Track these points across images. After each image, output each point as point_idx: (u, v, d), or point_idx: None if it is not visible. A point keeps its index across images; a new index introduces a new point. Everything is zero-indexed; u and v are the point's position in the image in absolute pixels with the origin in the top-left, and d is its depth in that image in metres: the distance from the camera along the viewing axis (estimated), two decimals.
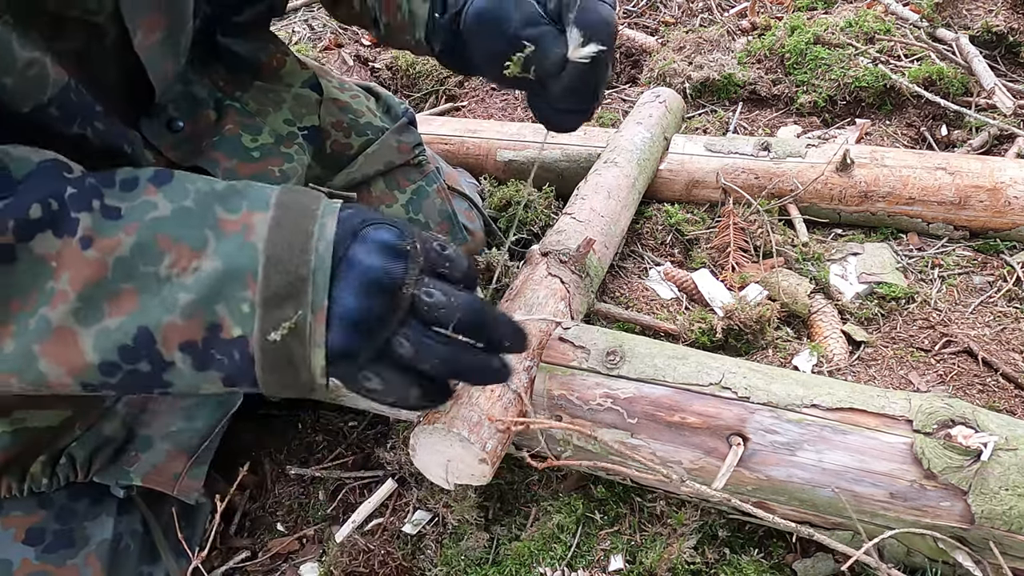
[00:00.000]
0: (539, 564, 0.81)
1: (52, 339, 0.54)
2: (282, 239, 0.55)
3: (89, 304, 0.54)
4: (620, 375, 0.77)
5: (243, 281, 0.54)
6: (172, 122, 0.84)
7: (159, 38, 0.73)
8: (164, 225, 0.55)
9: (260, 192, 0.59)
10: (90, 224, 0.54)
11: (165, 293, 0.54)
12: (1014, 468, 0.64)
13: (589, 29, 0.71)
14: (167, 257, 0.54)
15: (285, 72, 0.98)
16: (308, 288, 0.54)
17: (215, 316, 0.54)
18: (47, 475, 0.79)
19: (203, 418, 0.88)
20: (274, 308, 0.54)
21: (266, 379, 0.56)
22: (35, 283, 0.53)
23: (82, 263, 0.53)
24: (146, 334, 0.54)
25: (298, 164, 0.93)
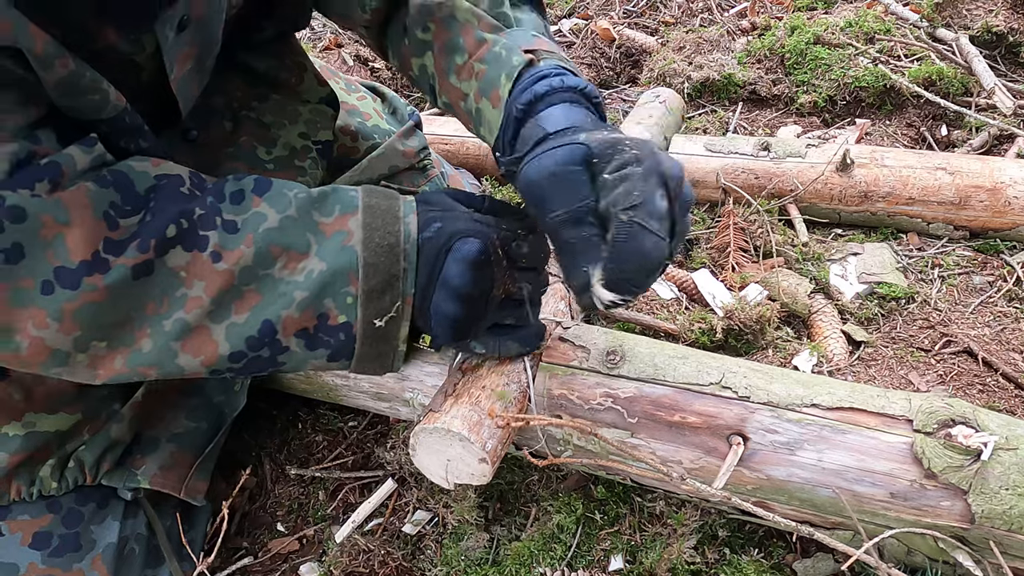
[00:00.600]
0: (539, 564, 0.81)
1: (191, 336, 0.64)
2: (375, 243, 0.66)
3: (220, 306, 0.64)
4: (620, 375, 0.77)
5: (345, 279, 0.65)
6: (187, 132, 0.85)
7: (189, 67, 0.75)
8: (274, 235, 0.66)
9: (347, 195, 0.68)
10: (217, 241, 0.65)
11: (281, 290, 0.65)
12: (1014, 468, 0.64)
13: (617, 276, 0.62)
14: (279, 262, 0.65)
15: (303, 88, 0.99)
16: (399, 283, 0.66)
17: (324, 308, 0.66)
18: (56, 478, 0.79)
19: (208, 419, 0.88)
20: (374, 300, 0.66)
21: (364, 351, 0.68)
22: (166, 291, 0.63)
23: (215, 274, 0.64)
24: (269, 326, 0.65)
25: (311, 178, 0.93)
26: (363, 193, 0.68)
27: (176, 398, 0.87)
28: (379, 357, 0.70)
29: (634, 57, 1.87)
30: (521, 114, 0.72)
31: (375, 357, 0.69)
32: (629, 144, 0.63)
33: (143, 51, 0.69)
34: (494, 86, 0.75)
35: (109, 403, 0.82)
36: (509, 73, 0.74)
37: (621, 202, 0.60)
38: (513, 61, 0.75)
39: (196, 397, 0.88)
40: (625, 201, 0.60)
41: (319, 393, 0.96)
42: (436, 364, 0.85)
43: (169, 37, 0.69)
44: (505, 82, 0.74)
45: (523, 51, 0.75)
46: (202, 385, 0.89)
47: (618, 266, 0.61)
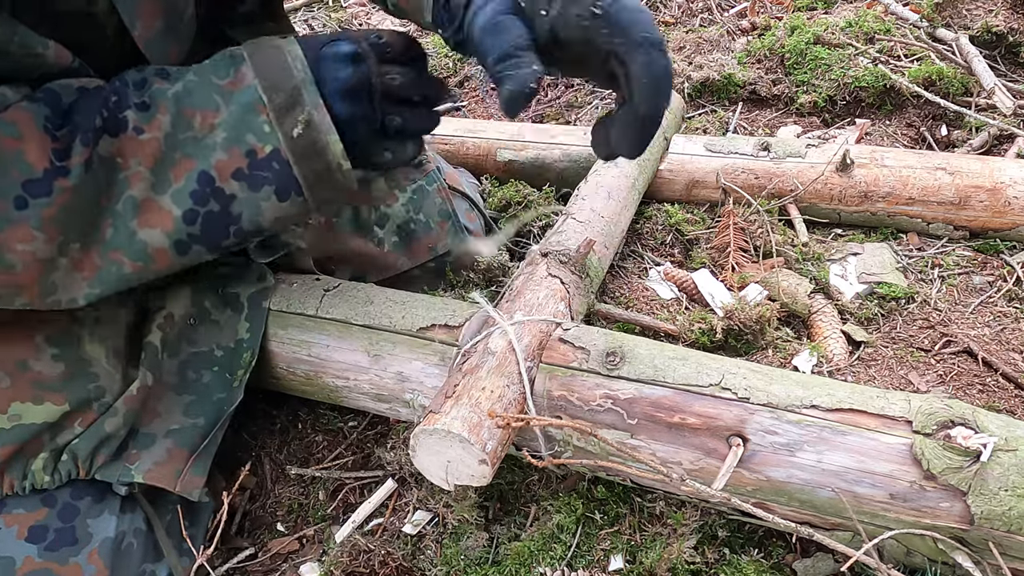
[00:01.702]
0: (539, 564, 0.81)
1: (142, 211, 0.70)
2: (267, 71, 0.70)
3: (159, 176, 0.70)
4: (620, 376, 0.77)
5: (255, 110, 0.70)
6: None
7: (158, 28, 0.75)
8: (183, 99, 0.71)
9: (235, 53, 0.73)
10: (135, 117, 0.70)
11: (205, 143, 0.70)
12: (1013, 469, 0.64)
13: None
14: (195, 121, 0.70)
15: None
16: (303, 94, 0.70)
17: (248, 144, 0.70)
18: (49, 472, 0.79)
19: (204, 415, 0.88)
20: (286, 117, 0.70)
21: (304, 174, 0.72)
22: (110, 178, 0.69)
23: (144, 146, 0.69)
24: (205, 175, 0.70)
25: None
26: (246, 47, 0.73)
27: (173, 394, 0.87)
28: (326, 178, 0.73)
29: None
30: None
31: (322, 179, 0.73)
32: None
33: (98, 5, 0.73)
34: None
35: (100, 396, 0.82)
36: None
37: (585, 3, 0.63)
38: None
39: (193, 393, 0.88)
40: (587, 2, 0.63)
41: (320, 394, 0.96)
42: (436, 365, 0.85)
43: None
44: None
45: None
46: (199, 381, 0.89)
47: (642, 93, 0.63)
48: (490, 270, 1.12)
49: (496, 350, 0.78)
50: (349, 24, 2.24)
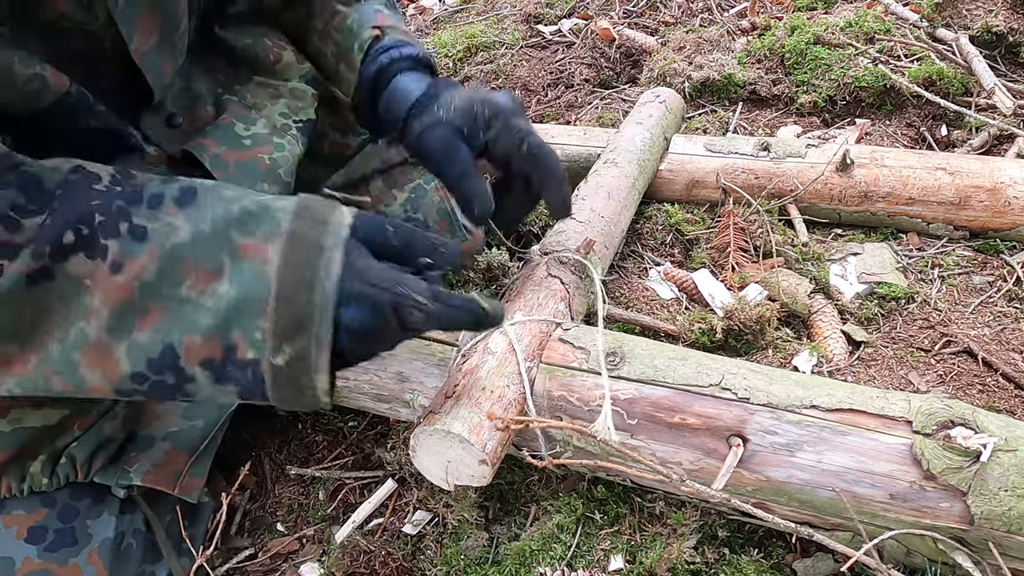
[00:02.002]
0: (539, 564, 0.81)
1: (91, 349, 0.60)
2: (292, 276, 0.61)
3: (120, 321, 0.60)
4: (620, 376, 0.77)
5: (256, 310, 0.60)
6: (172, 118, 0.85)
7: (155, 41, 0.74)
8: (184, 250, 0.61)
9: (274, 217, 0.64)
10: (118, 250, 0.60)
11: (187, 313, 0.60)
12: (1013, 469, 0.64)
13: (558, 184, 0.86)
14: (187, 280, 0.61)
15: (282, 66, 0.98)
16: (313, 325, 0.61)
17: (231, 340, 0.61)
18: (47, 475, 0.79)
19: (203, 417, 0.88)
20: (283, 339, 0.61)
21: (276, 396, 0.63)
22: (71, 298, 0.60)
23: (113, 286, 0.60)
24: (170, 351, 0.61)
25: (289, 154, 0.92)
26: (293, 215, 0.64)
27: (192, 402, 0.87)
28: (295, 400, 0.64)
29: (634, 57, 1.87)
30: (372, 83, 0.92)
31: (291, 399, 0.64)
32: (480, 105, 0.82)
33: (96, 20, 0.68)
34: (349, 55, 0.93)
35: (100, 400, 0.82)
36: (360, 45, 0.92)
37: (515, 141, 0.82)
38: (363, 35, 0.93)
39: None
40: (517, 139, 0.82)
41: None
42: (436, 365, 0.85)
43: (119, 3, 0.68)
44: (358, 52, 0.92)
45: (372, 27, 0.93)
46: None
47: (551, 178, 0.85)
48: (490, 270, 1.12)
49: (496, 350, 0.78)
50: None
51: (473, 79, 1.92)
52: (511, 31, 2.05)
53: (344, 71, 0.95)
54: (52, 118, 0.65)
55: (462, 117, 0.82)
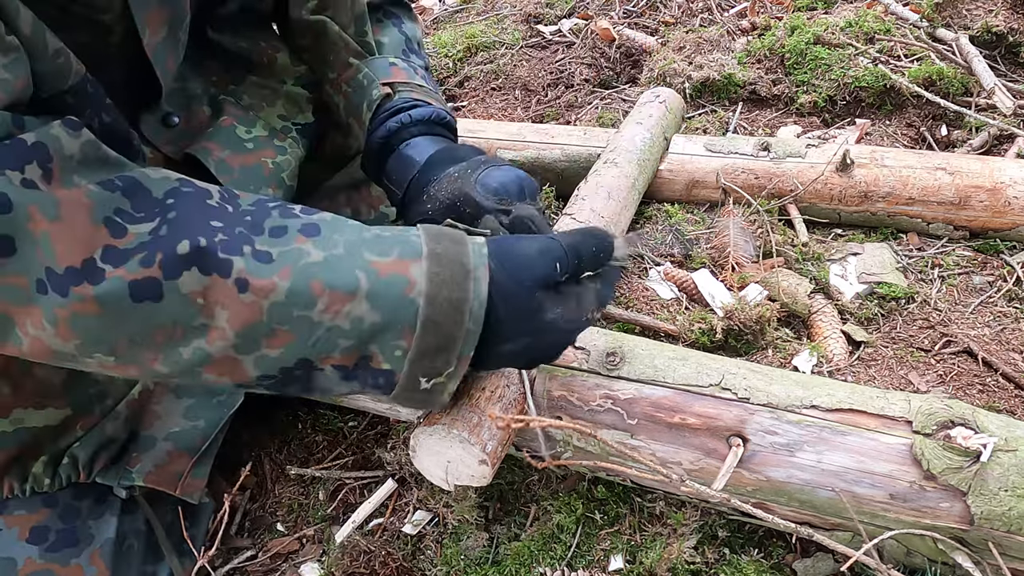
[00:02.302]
0: (539, 564, 0.81)
1: (214, 364, 0.58)
2: (441, 298, 0.59)
3: (247, 340, 0.58)
4: (620, 376, 0.77)
5: (399, 332, 0.59)
6: (168, 117, 0.84)
7: (163, 34, 0.74)
8: (316, 270, 0.58)
9: (408, 238, 0.62)
10: (244, 267, 0.57)
11: (320, 335, 0.58)
12: (1013, 469, 0.64)
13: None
14: (320, 302, 0.57)
15: (278, 68, 0.98)
16: (459, 345, 0.60)
17: (368, 352, 0.60)
18: (49, 475, 0.79)
19: (205, 417, 0.88)
20: (425, 359, 0.60)
21: (401, 399, 0.63)
22: (180, 320, 0.56)
23: (239, 305, 0.56)
24: (306, 363, 0.60)
25: (291, 157, 0.93)
26: (427, 236, 0.62)
27: (173, 396, 0.87)
28: (420, 402, 0.65)
29: (634, 57, 1.87)
30: (380, 148, 0.88)
31: (415, 401, 0.65)
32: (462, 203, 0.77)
33: (111, 10, 0.68)
34: (358, 112, 0.90)
35: (102, 399, 0.82)
36: (369, 104, 0.89)
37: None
38: (372, 94, 0.89)
39: (193, 396, 0.88)
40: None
41: None
42: None
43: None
44: (366, 111, 0.89)
45: (381, 84, 0.89)
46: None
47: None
48: None
49: None
50: None
51: (473, 79, 1.92)
52: (511, 31, 2.05)
53: (355, 126, 0.93)
54: (71, 106, 0.63)
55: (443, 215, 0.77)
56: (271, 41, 0.99)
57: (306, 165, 0.99)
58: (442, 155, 0.84)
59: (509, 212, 0.75)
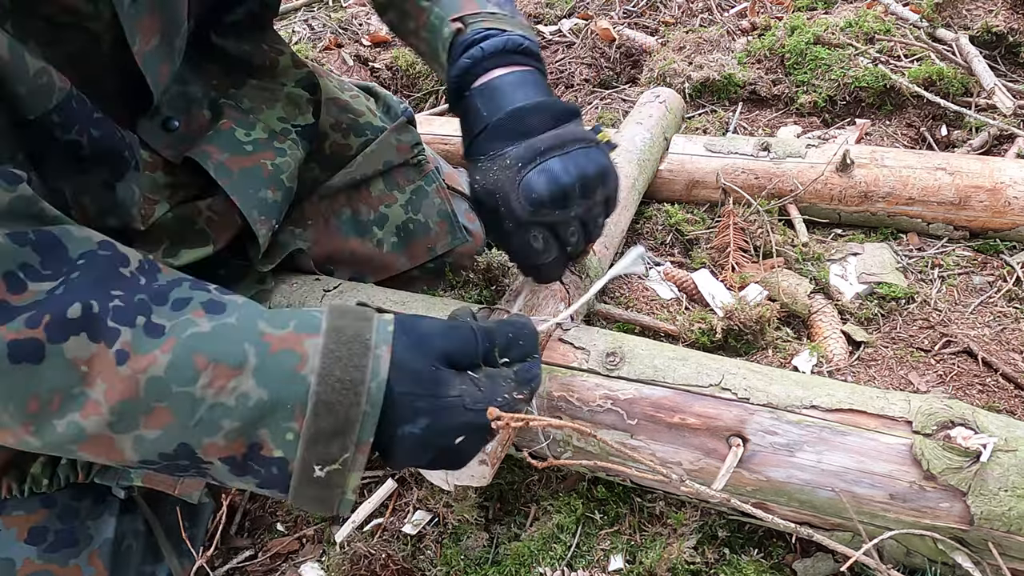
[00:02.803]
0: (539, 564, 0.81)
1: (88, 442, 0.54)
2: (335, 377, 0.55)
3: (123, 418, 0.54)
4: (620, 376, 0.77)
5: (289, 412, 0.55)
6: (168, 122, 0.84)
7: (155, 43, 0.73)
8: (202, 342, 0.55)
9: (308, 315, 0.59)
10: (129, 339, 0.54)
11: (203, 415, 0.54)
12: (1013, 469, 0.64)
13: None
14: (202, 377, 0.54)
15: (279, 71, 0.98)
16: (356, 429, 0.55)
17: (257, 438, 0.55)
18: (47, 476, 0.79)
19: None
20: (319, 444, 0.55)
21: (297, 495, 0.57)
22: (59, 387, 0.53)
23: (116, 378, 0.53)
24: (186, 448, 0.55)
25: (291, 159, 0.93)
26: (329, 312, 0.59)
27: None
28: (320, 501, 0.59)
29: (634, 57, 1.87)
30: (456, 86, 0.83)
31: (315, 500, 0.58)
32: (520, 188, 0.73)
33: (100, 18, 0.66)
34: (436, 55, 0.88)
35: None
36: (443, 44, 0.85)
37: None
38: (444, 32, 0.85)
39: None
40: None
41: None
42: None
43: (125, 3, 0.67)
44: (442, 51, 0.86)
45: (451, 20, 0.84)
46: None
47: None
48: (490, 270, 1.12)
49: None
50: (348, 24, 2.24)
51: None
52: None
53: (439, 71, 0.90)
54: (57, 124, 0.63)
55: (486, 198, 0.76)
56: (273, 44, 0.99)
57: (306, 165, 0.99)
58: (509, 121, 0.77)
59: (544, 223, 0.72)
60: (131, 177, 0.78)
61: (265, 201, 0.88)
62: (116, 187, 0.76)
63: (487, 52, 0.80)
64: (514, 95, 0.78)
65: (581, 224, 0.77)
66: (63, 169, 0.68)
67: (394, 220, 1.10)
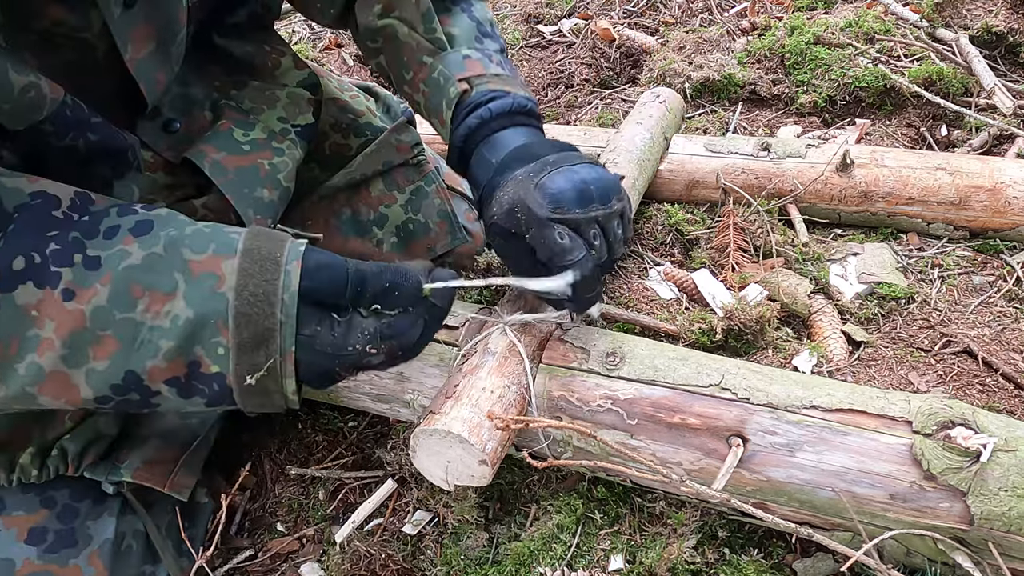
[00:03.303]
0: (539, 564, 0.81)
1: (47, 381, 0.60)
2: (249, 292, 0.61)
3: (74, 350, 0.59)
4: (620, 376, 0.77)
5: (215, 328, 0.60)
6: (169, 123, 0.85)
7: (149, 50, 0.74)
8: (135, 273, 0.60)
9: (227, 236, 0.64)
10: (71, 278, 0.59)
11: (144, 337, 0.60)
12: (1013, 469, 0.64)
13: None
14: (140, 303, 0.60)
15: (280, 72, 0.98)
16: (276, 337, 0.61)
17: (194, 356, 0.61)
18: (37, 467, 0.79)
19: (196, 415, 0.88)
20: (246, 353, 0.61)
21: (244, 403, 0.64)
22: (16, 331, 0.58)
23: (65, 314, 0.59)
24: (133, 376, 0.60)
25: (288, 159, 0.93)
26: (246, 235, 0.64)
27: None
28: (265, 405, 0.65)
29: (634, 57, 1.87)
30: (462, 143, 0.85)
31: (261, 405, 0.65)
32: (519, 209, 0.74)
33: (90, 28, 0.68)
34: (438, 111, 0.88)
35: None
36: (448, 103, 0.86)
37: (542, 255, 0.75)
38: (450, 92, 0.86)
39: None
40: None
41: (320, 394, 0.96)
42: (436, 366, 0.85)
43: (115, 13, 0.68)
44: (447, 110, 0.86)
45: (458, 80, 0.86)
46: None
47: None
48: (490, 270, 1.12)
49: (496, 350, 0.78)
50: None
51: None
52: (511, 31, 2.05)
53: (437, 125, 0.91)
54: (51, 133, 0.65)
55: (505, 220, 0.76)
56: (276, 45, 0.99)
57: (306, 165, 0.99)
58: (517, 154, 0.81)
59: (566, 222, 0.72)
60: (131, 177, 0.78)
61: (261, 200, 0.88)
62: (114, 185, 0.76)
63: (495, 113, 0.84)
64: (518, 141, 0.83)
65: (602, 230, 0.76)
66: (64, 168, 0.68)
67: (394, 220, 1.10)
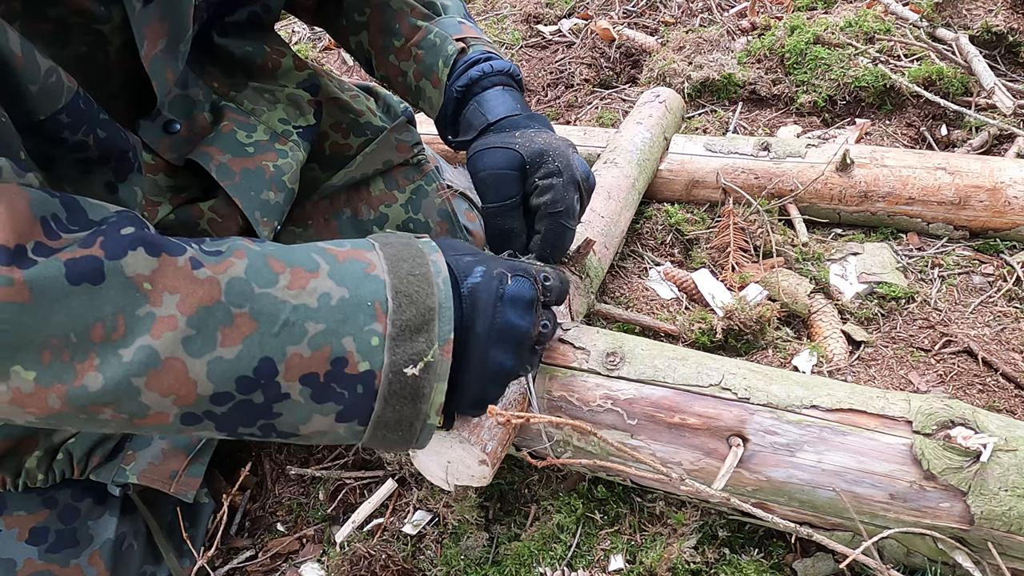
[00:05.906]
0: (539, 564, 0.81)
1: (159, 371, 0.49)
2: (404, 271, 0.57)
3: (200, 331, 0.50)
4: (620, 376, 0.77)
5: (371, 312, 0.55)
6: (169, 124, 0.85)
7: (162, 47, 0.74)
8: (273, 251, 0.55)
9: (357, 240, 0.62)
10: (196, 250, 0.52)
11: (287, 316, 0.52)
12: (1013, 469, 0.64)
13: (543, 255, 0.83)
14: (282, 279, 0.53)
15: (280, 73, 0.98)
16: (436, 320, 0.56)
17: (342, 349, 0.54)
18: (43, 470, 0.79)
19: None
20: (406, 341, 0.55)
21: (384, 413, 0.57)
22: (123, 308, 0.49)
23: (193, 284, 0.50)
24: (268, 365, 0.52)
25: (292, 160, 0.93)
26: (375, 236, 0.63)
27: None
28: (401, 424, 0.58)
29: (634, 57, 1.87)
30: (460, 95, 0.90)
31: (396, 424, 0.57)
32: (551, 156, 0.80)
33: (111, 20, 0.67)
34: (433, 71, 0.92)
35: None
36: (445, 60, 0.91)
37: (548, 207, 0.80)
38: (447, 49, 0.91)
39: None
40: (552, 207, 0.80)
41: None
42: None
43: (136, 7, 0.67)
44: (443, 67, 0.91)
45: (455, 39, 0.91)
46: None
47: (544, 251, 0.82)
48: None
49: None
50: None
51: None
52: (511, 31, 2.05)
53: (427, 87, 0.94)
54: (67, 124, 0.63)
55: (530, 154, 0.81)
56: (276, 45, 0.99)
57: (306, 165, 0.99)
58: (508, 124, 0.87)
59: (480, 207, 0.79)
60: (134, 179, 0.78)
61: (267, 202, 0.88)
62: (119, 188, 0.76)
63: (496, 69, 0.90)
64: (508, 106, 0.90)
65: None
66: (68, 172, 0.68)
67: (394, 220, 1.10)
